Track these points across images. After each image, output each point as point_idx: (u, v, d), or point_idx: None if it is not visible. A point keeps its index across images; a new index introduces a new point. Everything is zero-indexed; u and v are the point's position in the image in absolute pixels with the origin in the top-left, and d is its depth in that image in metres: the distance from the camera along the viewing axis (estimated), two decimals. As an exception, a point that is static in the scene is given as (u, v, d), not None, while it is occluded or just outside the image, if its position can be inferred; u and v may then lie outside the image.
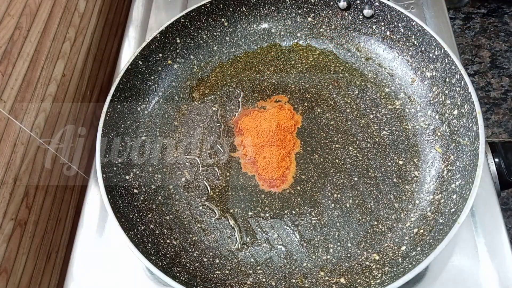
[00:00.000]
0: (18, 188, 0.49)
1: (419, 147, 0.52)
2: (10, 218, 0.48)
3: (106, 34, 0.72)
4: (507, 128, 1.18)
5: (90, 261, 0.49)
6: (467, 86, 0.48)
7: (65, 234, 0.62)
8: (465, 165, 0.46)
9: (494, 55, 1.30)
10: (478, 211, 0.49)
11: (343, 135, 0.54)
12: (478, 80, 1.26)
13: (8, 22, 0.47)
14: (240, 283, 0.45)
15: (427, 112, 0.54)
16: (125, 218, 0.45)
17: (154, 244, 0.45)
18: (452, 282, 0.45)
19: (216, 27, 0.61)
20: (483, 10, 1.38)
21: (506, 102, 1.22)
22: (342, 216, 0.49)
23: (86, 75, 0.65)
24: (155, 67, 0.57)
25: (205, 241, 0.48)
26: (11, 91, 0.48)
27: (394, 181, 0.50)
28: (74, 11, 0.61)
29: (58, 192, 0.59)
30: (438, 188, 0.48)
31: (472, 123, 0.47)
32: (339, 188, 0.50)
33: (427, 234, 0.44)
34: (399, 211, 0.48)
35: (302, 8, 0.61)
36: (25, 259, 0.51)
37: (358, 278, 0.44)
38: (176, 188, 0.52)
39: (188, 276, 0.43)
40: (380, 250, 0.46)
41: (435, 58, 0.52)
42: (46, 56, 0.54)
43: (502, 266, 0.46)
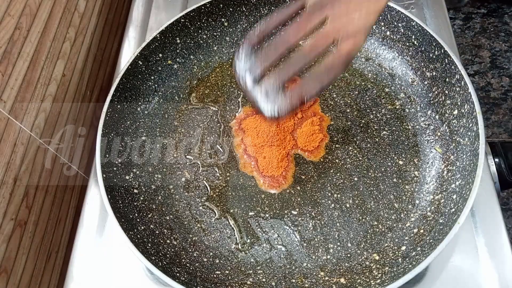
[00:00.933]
0: (18, 188, 0.49)
1: (419, 147, 0.52)
2: (10, 218, 0.48)
3: (106, 34, 0.72)
4: (507, 128, 1.18)
5: (90, 261, 0.49)
6: (467, 86, 0.48)
7: (65, 234, 0.62)
8: (465, 165, 0.46)
9: (494, 55, 1.30)
10: (478, 211, 0.49)
11: (343, 135, 0.54)
12: (478, 80, 1.26)
13: (8, 22, 0.47)
14: (240, 283, 0.45)
15: (427, 112, 0.54)
16: (125, 218, 0.45)
17: (154, 244, 0.45)
18: (452, 282, 0.45)
19: (216, 27, 0.61)
20: (483, 10, 1.38)
21: (506, 102, 1.22)
22: (342, 216, 0.49)
23: (86, 75, 0.65)
24: (155, 67, 0.57)
25: (205, 241, 0.48)
26: (11, 91, 0.48)
27: (394, 181, 0.50)
28: (74, 11, 0.61)
29: (58, 192, 0.59)
30: (438, 188, 0.48)
31: (472, 123, 0.47)
32: (339, 188, 0.50)
33: (427, 234, 0.44)
34: (399, 211, 0.48)
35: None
36: (25, 259, 0.51)
37: (358, 278, 0.44)
38: (176, 188, 0.52)
39: (188, 276, 0.43)
40: (380, 250, 0.46)
41: (435, 58, 0.52)
42: (46, 56, 0.54)
43: (502, 266, 0.46)
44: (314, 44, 0.39)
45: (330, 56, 0.39)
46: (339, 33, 0.39)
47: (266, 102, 0.38)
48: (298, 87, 0.38)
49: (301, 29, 0.40)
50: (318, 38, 0.39)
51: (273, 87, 0.38)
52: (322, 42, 0.39)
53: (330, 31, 0.39)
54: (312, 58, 0.39)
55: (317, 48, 0.39)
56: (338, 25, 0.39)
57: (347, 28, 0.39)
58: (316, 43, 0.39)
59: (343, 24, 0.39)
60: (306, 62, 0.39)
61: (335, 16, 0.39)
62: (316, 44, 0.39)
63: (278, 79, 0.38)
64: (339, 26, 0.39)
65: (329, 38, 0.39)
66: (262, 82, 0.39)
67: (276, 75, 0.38)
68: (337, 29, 0.39)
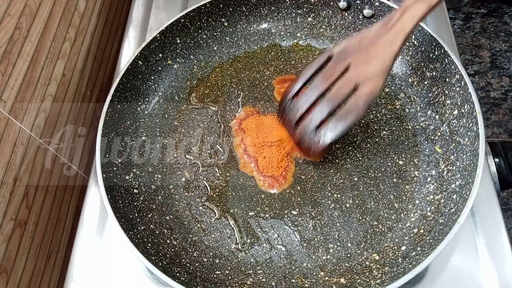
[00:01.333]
0: (18, 188, 0.49)
1: (419, 147, 0.52)
2: (10, 218, 0.48)
3: (106, 34, 0.72)
4: (507, 128, 1.18)
5: (90, 261, 0.49)
6: (467, 86, 0.48)
7: (65, 234, 0.62)
8: (465, 165, 0.46)
9: (494, 55, 1.30)
10: (478, 211, 0.49)
11: (343, 135, 0.54)
12: (478, 80, 1.26)
13: (8, 22, 0.47)
14: (240, 283, 0.45)
15: (427, 112, 0.54)
16: (125, 218, 0.45)
17: (154, 244, 0.45)
18: (452, 282, 0.45)
19: (216, 27, 0.61)
20: (483, 10, 1.39)
21: (506, 102, 1.22)
22: (342, 216, 0.49)
23: (86, 75, 0.65)
24: (155, 67, 0.57)
25: (205, 241, 0.48)
26: (11, 91, 0.48)
27: (394, 181, 0.50)
28: (74, 11, 0.61)
29: (58, 192, 0.59)
30: (438, 188, 0.48)
31: (472, 123, 0.47)
32: (339, 188, 0.50)
33: (427, 234, 0.44)
34: (399, 211, 0.48)
35: (302, 8, 0.61)
36: (25, 259, 0.51)
37: (358, 278, 0.44)
38: (176, 188, 0.52)
39: (188, 276, 0.43)
40: (380, 250, 0.46)
41: (435, 58, 0.52)
42: (46, 56, 0.54)
43: (502, 266, 0.46)
44: (339, 90, 0.45)
45: (352, 98, 0.44)
46: (360, 77, 0.44)
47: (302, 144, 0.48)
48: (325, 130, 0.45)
49: (328, 77, 0.46)
50: (342, 84, 0.45)
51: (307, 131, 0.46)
52: (345, 87, 0.45)
53: (352, 76, 0.45)
54: (338, 102, 0.45)
55: (341, 93, 0.45)
56: (360, 70, 0.44)
57: (367, 73, 0.44)
58: (340, 89, 0.45)
59: (364, 69, 0.44)
60: (333, 107, 0.45)
61: (356, 63, 0.45)
62: (340, 89, 0.45)
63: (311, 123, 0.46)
64: (360, 71, 0.44)
65: (352, 83, 0.44)
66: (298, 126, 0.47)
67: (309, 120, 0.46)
68: (358, 74, 0.44)
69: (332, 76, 0.46)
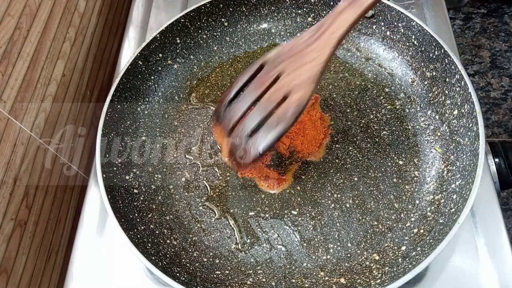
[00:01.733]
0: (18, 188, 0.49)
1: (419, 147, 0.52)
2: (10, 218, 0.48)
3: (106, 34, 0.72)
4: (507, 128, 1.18)
5: (90, 261, 0.49)
6: (467, 86, 0.48)
7: (65, 234, 0.62)
8: (465, 165, 0.46)
9: (494, 55, 1.30)
10: (478, 211, 0.49)
11: (343, 135, 0.54)
12: (478, 80, 1.26)
13: (8, 22, 0.47)
14: (240, 283, 0.45)
15: (427, 112, 0.54)
16: (125, 218, 0.45)
17: (154, 244, 0.45)
18: (452, 282, 0.45)
19: (216, 27, 0.61)
20: (483, 10, 1.38)
21: (506, 102, 1.22)
22: (342, 216, 0.49)
23: (86, 75, 0.65)
24: (155, 67, 0.57)
25: (205, 241, 0.48)
26: (11, 91, 0.48)
27: (394, 181, 0.50)
28: (74, 11, 0.61)
29: (58, 192, 0.59)
30: (438, 188, 0.48)
31: (472, 123, 0.47)
32: (339, 188, 0.50)
33: (427, 234, 0.44)
34: (399, 211, 0.48)
35: (302, 8, 0.61)
36: (25, 259, 0.51)
37: (358, 278, 0.44)
38: (176, 188, 0.52)
39: (188, 276, 0.43)
40: (380, 250, 0.46)
41: (435, 58, 0.52)
42: (46, 56, 0.54)
43: (502, 266, 0.46)
44: (269, 97, 0.43)
45: (282, 107, 0.42)
46: (291, 85, 0.42)
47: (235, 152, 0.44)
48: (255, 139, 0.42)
49: (259, 85, 0.44)
50: (272, 92, 0.43)
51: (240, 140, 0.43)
52: (276, 94, 0.42)
53: (283, 84, 0.42)
54: (269, 110, 0.42)
55: (271, 101, 0.42)
56: (291, 78, 0.42)
57: (297, 80, 0.42)
58: (271, 96, 0.43)
59: (294, 76, 0.42)
60: (264, 115, 0.42)
61: (288, 70, 0.43)
62: (271, 97, 0.43)
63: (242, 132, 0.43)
64: (291, 78, 0.42)
65: (282, 90, 0.42)
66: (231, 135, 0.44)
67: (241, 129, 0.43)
68: (289, 81, 0.42)
69: (264, 84, 0.43)
